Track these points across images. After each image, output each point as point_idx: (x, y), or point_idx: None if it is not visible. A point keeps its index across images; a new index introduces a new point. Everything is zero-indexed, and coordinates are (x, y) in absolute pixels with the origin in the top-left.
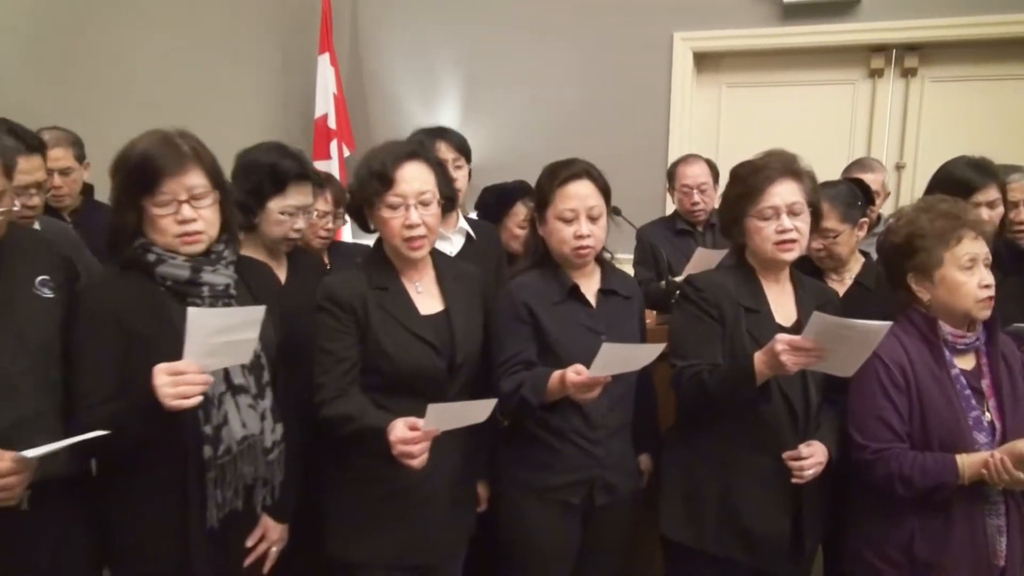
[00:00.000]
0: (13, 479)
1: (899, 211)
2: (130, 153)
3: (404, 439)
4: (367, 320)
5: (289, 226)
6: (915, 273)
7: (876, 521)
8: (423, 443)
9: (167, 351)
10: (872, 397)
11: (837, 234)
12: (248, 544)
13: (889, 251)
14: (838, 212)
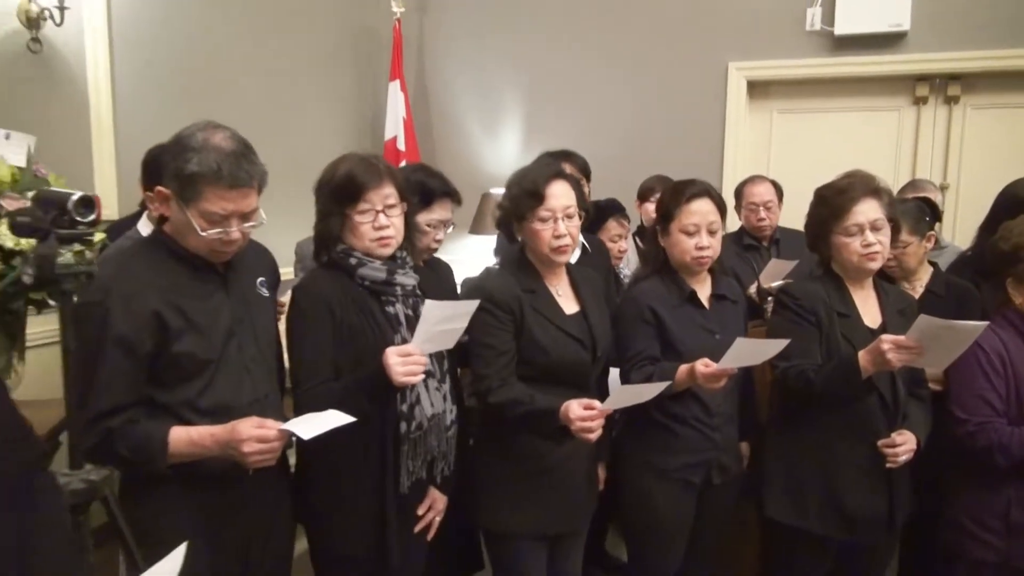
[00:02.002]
0: (276, 444)
1: (1007, 225)
2: (335, 172)
3: (582, 416)
4: (523, 318)
5: (432, 237)
6: (1014, 278)
7: (974, 491)
8: (600, 419)
9: (372, 341)
10: (973, 378)
11: (907, 245)
12: (419, 512)
13: (995, 256)
14: (908, 225)
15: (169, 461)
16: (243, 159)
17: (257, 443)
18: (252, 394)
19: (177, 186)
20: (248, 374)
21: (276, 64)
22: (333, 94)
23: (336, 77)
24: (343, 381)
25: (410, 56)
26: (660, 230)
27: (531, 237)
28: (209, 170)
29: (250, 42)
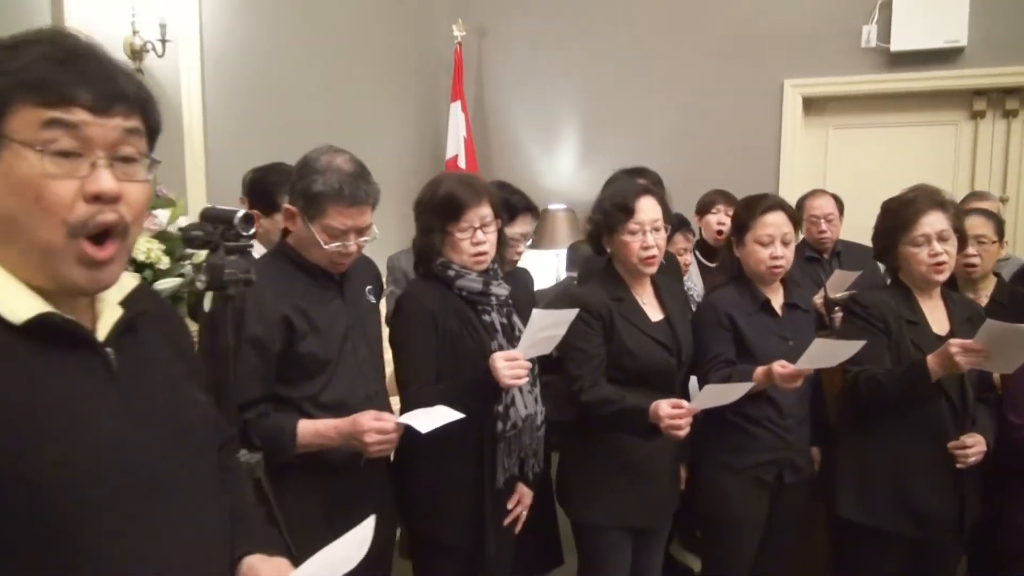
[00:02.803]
0: (394, 436)
1: None
2: (436, 192)
3: (672, 415)
4: (612, 325)
5: (515, 249)
6: None
7: None
8: (687, 418)
9: (471, 347)
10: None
11: (993, 241)
12: (509, 506)
13: None
14: (992, 226)
15: (296, 451)
16: (361, 179)
17: (377, 434)
18: (365, 391)
19: (303, 204)
20: (361, 373)
21: (346, 88)
22: (398, 115)
23: (401, 98)
24: (451, 382)
25: (470, 78)
26: (735, 241)
27: (621, 249)
28: (332, 190)
29: (323, 68)
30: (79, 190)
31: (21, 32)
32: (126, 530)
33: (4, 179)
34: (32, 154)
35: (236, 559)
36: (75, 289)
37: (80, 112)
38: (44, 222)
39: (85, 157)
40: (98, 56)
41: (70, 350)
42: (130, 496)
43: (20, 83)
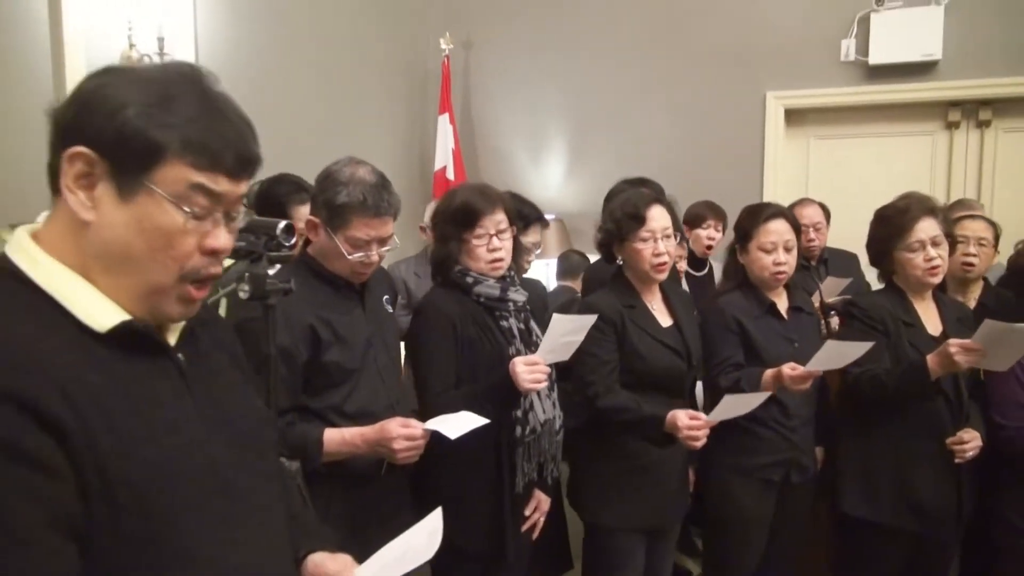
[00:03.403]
0: (421, 442)
1: None
2: (452, 201)
3: (689, 426)
4: (624, 330)
5: (525, 258)
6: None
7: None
8: (705, 429)
9: (489, 352)
10: (1009, 386)
11: (992, 245)
12: (526, 513)
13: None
14: (992, 230)
15: (322, 459)
16: (384, 190)
17: (405, 441)
18: (387, 399)
19: (327, 215)
20: (382, 382)
21: (337, 100)
22: (387, 127)
23: (390, 111)
24: (471, 387)
25: (457, 90)
26: (739, 248)
27: (632, 256)
28: (356, 201)
29: (314, 81)
30: (199, 243)
31: (157, 69)
32: (209, 528)
33: (136, 221)
34: (175, 211)
35: (300, 557)
36: (166, 319)
37: (223, 180)
38: (164, 267)
39: (210, 216)
40: (236, 113)
41: (148, 357)
42: (210, 496)
43: (180, 141)
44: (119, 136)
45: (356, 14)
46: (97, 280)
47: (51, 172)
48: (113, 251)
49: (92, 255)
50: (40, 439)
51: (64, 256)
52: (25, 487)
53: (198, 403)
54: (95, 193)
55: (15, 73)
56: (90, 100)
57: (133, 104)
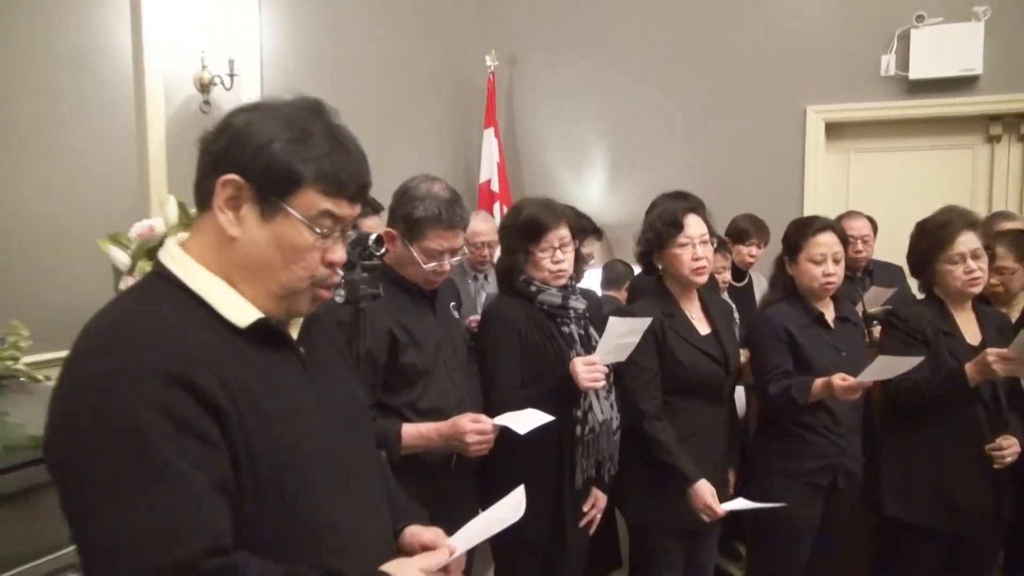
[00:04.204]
0: (491, 436)
1: None
2: (519, 215)
3: (708, 506)
4: (664, 339)
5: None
6: None
7: None
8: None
9: (551, 355)
10: None
11: (1014, 271)
12: (584, 509)
13: None
14: (1014, 254)
15: (401, 452)
16: (456, 205)
17: (476, 435)
18: (456, 398)
19: (404, 227)
20: (452, 382)
21: (387, 116)
22: (434, 141)
23: (437, 126)
24: (533, 387)
25: (502, 106)
26: (788, 260)
27: (672, 262)
28: (432, 215)
29: (366, 98)
30: (323, 257)
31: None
32: (329, 499)
33: (275, 238)
34: (307, 231)
35: (397, 530)
36: (299, 315)
37: (345, 205)
38: (296, 275)
39: (332, 234)
40: (355, 146)
41: (277, 350)
42: (328, 472)
43: (316, 173)
44: (266, 167)
45: (406, 33)
46: (238, 284)
47: (199, 190)
48: (254, 262)
49: (235, 264)
50: (202, 416)
51: (208, 263)
52: (192, 453)
53: (317, 391)
54: (241, 213)
55: (101, 95)
56: (240, 134)
57: (278, 140)
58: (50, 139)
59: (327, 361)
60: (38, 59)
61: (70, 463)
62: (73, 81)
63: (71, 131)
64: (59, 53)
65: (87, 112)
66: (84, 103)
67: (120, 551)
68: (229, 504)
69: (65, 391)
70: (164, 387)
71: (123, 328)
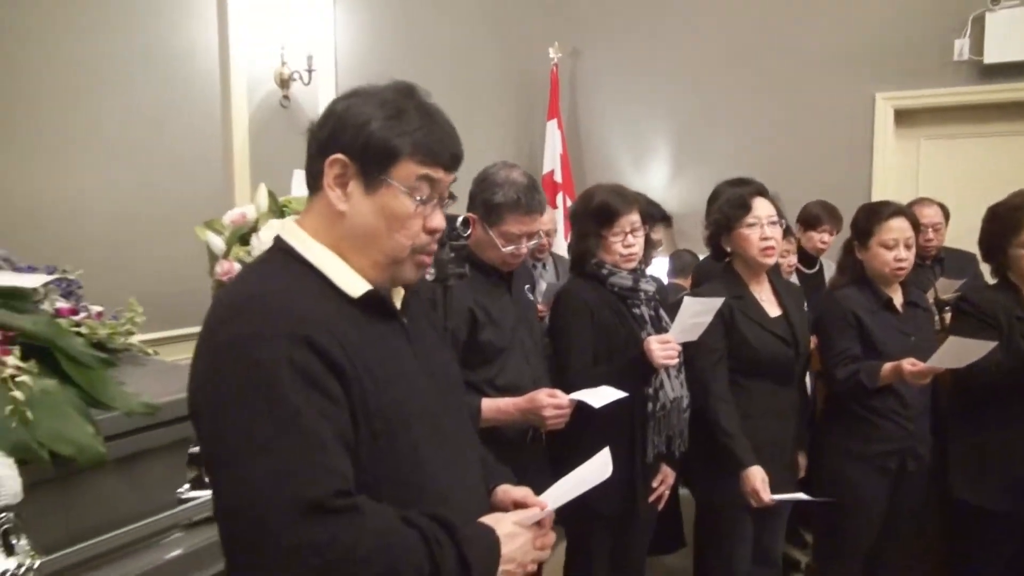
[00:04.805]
0: (567, 411)
1: None
2: (591, 200)
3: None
4: (732, 321)
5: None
6: None
7: None
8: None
9: (623, 335)
10: None
11: None
12: (653, 485)
13: None
14: None
15: (481, 425)
16: (534, 191)
17: (554, 409)
18: (531, 375)
19: (483, 212)
20: (527, 360)
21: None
22: (498, 132)
23: (500, 117)
24: (607, 364)
25: (565, 97)
26: (858, 245)
27: (740, 243)
28: (511, 200)
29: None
30: (423, 224)
31: (388, 89)
32: (432, 456)
33: (379, 209)
34: (408, 199)
35: (489, 489)
36: (404, 283)
37: (440, 171)
38: (399, 243)
39: (431, 201)
40: (446, 120)
41: (384, 319)
42: (431, 433)
43: (411, 144)
44: (367, 145)
45: (472, 26)
46: (348, 256)
47: (309, 174)
48: (361, 234)
49: (345, 237)
50: (326, 374)
51: (322, 238)
52: (319, 406)
53: (418, 359)
54: (348, 189)
55: (190, 94)
56: (342, 118)
57: (375, 119)
58: (145, 135)
59: (425, 332)
60: (134, 61)
61: (213, 415)
62: (165, 81)
63: (163, 127)
64: (153, 55)
65: (178, 109)
66: (175, 101)
67: (259, 490)
68: (349, 454)
69: (206, 353)
70: (294, 347)
71: (255, 296)
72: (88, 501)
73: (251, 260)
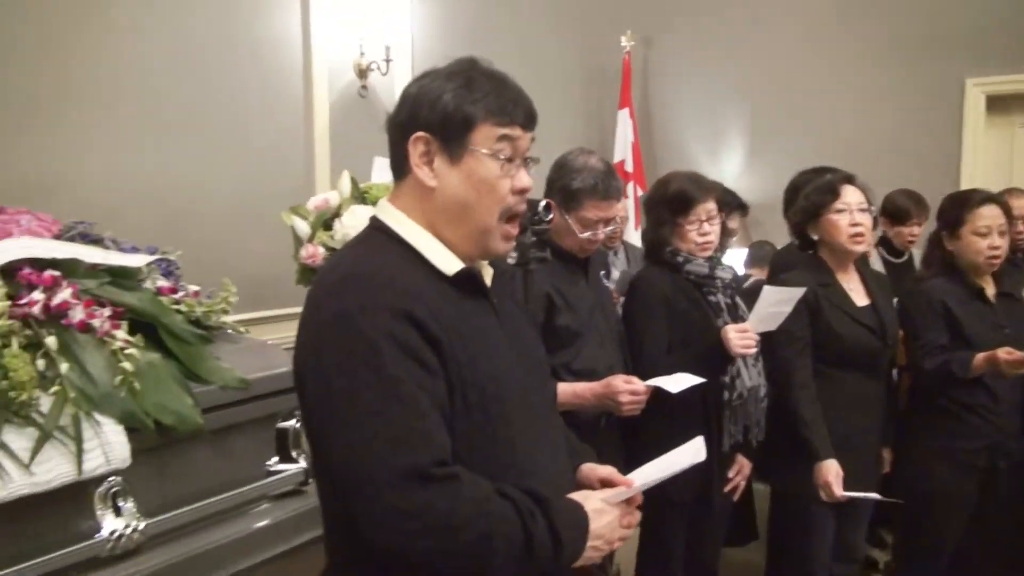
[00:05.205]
0: (644, 397)
1: None
2: (667, 188)
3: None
4: (818, 309)
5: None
6: None
7: None
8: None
9: (698, 323)
10: None
11: None
12: (729, 475)
13: None
14: None
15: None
16: (611, 177)
17: (630, 395)
18: (606, 360)
19: (561, 198)
20: (602, 345)
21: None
22: (568, 121)
23: (570, 106)
24: (683, 352)
25: (637, 86)
26: (946, 235)
27: (829, 229)
28: (589, 186)
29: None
30: (510, 186)
31: (454, 64)
32: (523, 430)
33: (467, 176)
34: (492, 161)
35: (574, 467)
36: (495, 256)
37: (517, 129)
38: (490, 208)
39: (514, 162)
40: (514, 83)
41: (475, 296)
42: (520, 407)
43: (485, 109)
44: (444, 117)
45: (545, 15)
46: (441, 232)
47: (394, 159)
48: (454, 205)
49: (438, 212)
50: (424, 346)
51: (414, 216)
52: (418, 377)
53: (508, 336)
54: (434, 165)
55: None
56: (417, 98)
57: (447, 92)
58: (234, 125)
59: (513, 312)
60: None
61: (319, 384)
62: (253, 73)
63: (250, 117)
64: (241, 47)
65: (264, 100)
66: (262, 93)
67: (363, 454)
68: (445, 425)
69: (312, 326)
70: (394, 320)
71: (356, 273)
72: (182, 470)
73: (334, 244)
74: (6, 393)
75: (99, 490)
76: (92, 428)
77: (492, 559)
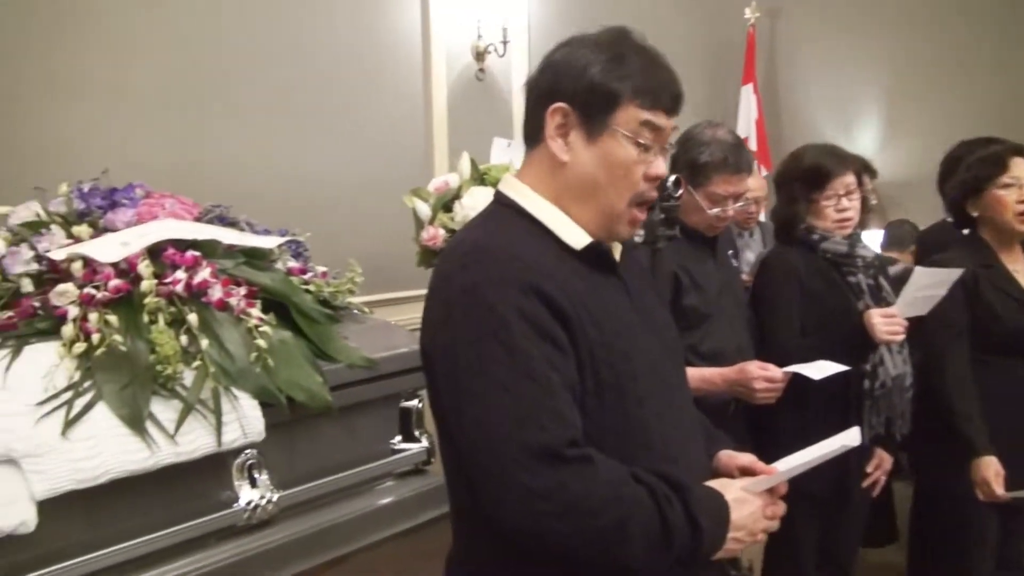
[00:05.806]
0: (780, 384)
1: None
2: (801, 161)
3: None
4: (977, 291)
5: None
6: None
7: None
8: None
9: (835, 305)
10: None
11: None
12: (868, 470)
13: None
14: None
15: None
16: (741, 149)
17: (765, 382)
18: (735, 343)
19: (688, 173)
20: (731, 327)
21: None
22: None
23: (692, 81)
24: (821, 336)
25: (761, 60)
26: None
27: (993, 205)
28: (718, 159)
29: None
30: (645, 171)
31: (603, 33)
32: (657, 410)
33: (602, 156)
34: (631, 144)
35: (710, 454)
36: (618, 239)
37: (662, 116)
38: (620, 192)
39: (653, 148)
40: (665, 62)
41: (604, 272)
42: (654, 387)
43: (632, 88)
44: (588, 90)
45: None
46: (568, 208)
47: (528, 127)
48: (583, 183)
49: (566, 188)
50: (553, 322)
51: (542, 191)
52: (548, 355)
53: (640, 313)
54: (569, 139)
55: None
56: (560, 66)
57: (595, 64)
58: (357, 111)
59: (644, 290)
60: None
61: (448, 359)
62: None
63: (372, 103)
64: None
65: (384, 85)
66: (383, 78)
67: (495, 430)
68: (576, 404)
69: (440, 301)
70: (522, 295)
71: (484, 247)
72: (311, 446)
73: (454, 225)
74: (154, 367)
75: (236, 462)
76: (230, 402)
77: (629, 547)
